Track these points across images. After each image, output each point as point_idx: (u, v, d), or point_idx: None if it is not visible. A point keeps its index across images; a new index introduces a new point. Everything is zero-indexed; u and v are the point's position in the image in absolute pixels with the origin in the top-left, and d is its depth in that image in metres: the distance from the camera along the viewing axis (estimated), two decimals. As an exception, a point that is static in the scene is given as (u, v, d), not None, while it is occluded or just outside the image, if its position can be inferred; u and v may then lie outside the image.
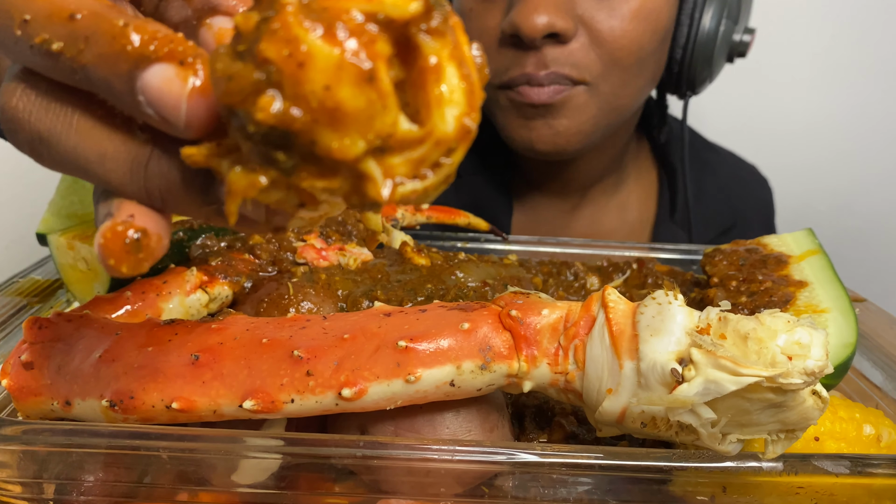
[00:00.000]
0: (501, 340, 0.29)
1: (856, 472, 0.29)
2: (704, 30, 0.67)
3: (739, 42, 0.70)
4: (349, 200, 0.21)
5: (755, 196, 0.87)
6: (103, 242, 0.22)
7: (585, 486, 0.28)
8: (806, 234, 0.49)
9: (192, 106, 0.21)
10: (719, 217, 0.83)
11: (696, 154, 0.85)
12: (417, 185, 0.21)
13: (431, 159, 0.21)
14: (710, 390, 0.25)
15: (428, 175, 0.21)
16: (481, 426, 0.31)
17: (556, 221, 0.80)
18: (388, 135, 0.19)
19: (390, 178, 0.20)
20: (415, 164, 0.20)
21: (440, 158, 0.21)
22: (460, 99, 0.20)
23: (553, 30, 0.59)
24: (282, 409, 0.28)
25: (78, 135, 0.23)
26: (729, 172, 0.87)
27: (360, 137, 0.19)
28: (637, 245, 0.60)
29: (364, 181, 0.20)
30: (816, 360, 0.25)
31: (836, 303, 0.39)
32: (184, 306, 0.39)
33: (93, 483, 0.30)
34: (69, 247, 0.41)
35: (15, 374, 0.31)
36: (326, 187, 0.20)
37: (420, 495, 0.29)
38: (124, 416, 0.29)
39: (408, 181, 0.20)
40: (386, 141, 0.20)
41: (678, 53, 0.68)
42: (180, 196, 0.23)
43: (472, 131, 0.21)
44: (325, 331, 0.29)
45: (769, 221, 0.88)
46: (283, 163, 0.20)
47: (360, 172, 0.20)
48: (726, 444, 0.27)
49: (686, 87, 0.71)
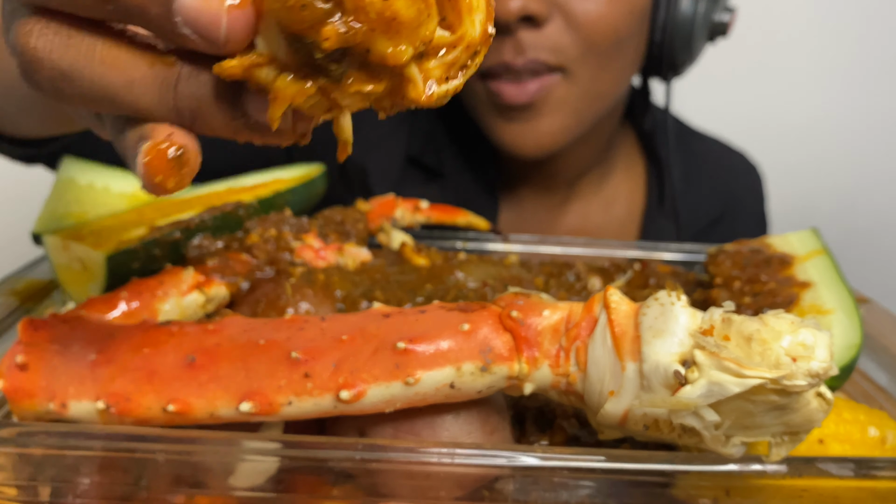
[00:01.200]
0: (502, 342, 0.29)
1: (860, 474, 0.28)
2: (682, 9, 0.66)
3: (720, 21, 0.69)
4: (381, 103, 0.24)
5: (744, 184, 0.86)
6: (148, 161, 0.23)
7: (587, 490, 0.28)
8: (811, 234, 0.49)
9: (231, 20, 0.21)
10: (708, 206, 0.82)
11: (682, 143, 0.84)
12: (449, 87, 0.24)
13: (461, 62, 0.24)
14: (713, 392, 0.25)
15: (458, 76, 0.24)
16: (481, 429, 0.30)
17: (544, 216, 0.79)
18: (429, 41, 0.22)
19: (428, 80, 0.23)
20: (447, 66, 0.24)
21: (468, 61, 0.24)
22: (483, 6, 0.23)
23: (527, 12, 0.58)
24: (279, 412, 0.28)
25: (103, 66, 0.23)
26: (717, 160, 0.86)
27: (410, 44, 0.22)
28: (639, 245, 0.59)
29: (406, 83, 0.23)
30: (821, 362, 0.25)
31: (841, 304, 0.39)
32: (180, 307, 0.39)
33: (88, 486, 0.29)
34: (64, 247, 0.40)
35: (10, 376, 0.31)
36: (372, 91, 0.23)
37: (419, 499, 0.29)
38: (120, 418, 0.29)
39: (440, 84, 0.24)
40: (427, 46, 0.22)
41: (657, 35, 0.67)
42: (211, 111, 0.24)
43: (492, 35, 0.24)
44: (324, 332, 0.29)
45: (759, 208, 0.87)
46: (333, 70, 0.22)
47: (404, 76, 0.23)
48: (730, 447, 0.27)
49: (667, 69, 0.70)
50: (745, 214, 0.85)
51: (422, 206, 0.59)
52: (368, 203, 0.57)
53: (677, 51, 0.68)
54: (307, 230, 0.46)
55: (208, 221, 0.44)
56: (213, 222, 0.44)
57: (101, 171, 0.51)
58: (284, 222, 0.46)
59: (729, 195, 0.84)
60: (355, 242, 0.48)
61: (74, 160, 0.51)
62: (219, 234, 0.45)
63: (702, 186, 0.83)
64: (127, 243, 0.40)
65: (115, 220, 0.43)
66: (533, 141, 0.65)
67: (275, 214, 0.47)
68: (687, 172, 0.82)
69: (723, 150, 0.89)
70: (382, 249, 0.50)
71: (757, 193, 0.87)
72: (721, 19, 0.69)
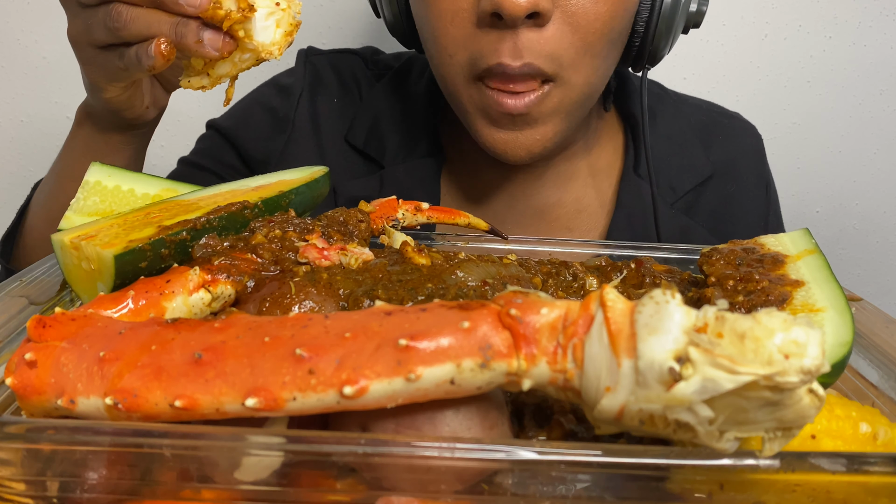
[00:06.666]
0: (501, 339, 0.29)
1: (852, 469, 0.29)
2: (667, 2, 0.66)
3: (697, 11, 0.69)
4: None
5: (739, 144, 0.85)
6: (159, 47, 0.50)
7: (584, 483, 0.29)
8: (802, 233, 0.49)
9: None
10: (696, 168, 0.82)
11: (666, 105, 0.84)
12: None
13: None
14: (707, 388, 0.26)
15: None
16: (481, 424, 0.31)
17: (519, 198, 0.79)
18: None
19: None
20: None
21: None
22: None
23: (536, 8, 0.58)
24: (284, 408, 0.28)
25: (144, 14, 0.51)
26: (703, 120, 0.85)
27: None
28: (635, 244, 0.60)
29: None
30: (813, 359, 0.25)
31: (833, 302, 0.39)
32: (187, 305, 0.39)
33: (96, 480, 0.30)
34: (73, 247, 0.41)
35: (19, 373, 0.31)
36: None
37: (421, 492, 0.29)
38: (128, 414, 0.30)
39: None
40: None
41: (640, 27, 0.67)
42: (189, 32, 0.50)
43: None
44: (327, 329, 0.30)
45: (760, 168, 0.86)
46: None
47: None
48: (723, 442, 0.27)
49: (647, 60, 0.70)
50: (745, 173, 0.84)
51: (423, 207, 0.60)
52: (371, 204, 0.58)
53: (661, 41, 0.68)
54: (311, 230, 0.47)
55: (214, 222, 0.44)
56: (220, 222, 0.45)
57: (126, 175, 0.54)
58: (289, 223, 0.47)
59: (720, 154, 0.83)
60: (358, 242, 0.48)
61: (102, 165, 0.53)
62: (225, 234, 0.45)
63: (689, 149, 0.82)
64: (135, 243, 0.41)
65: (123, 221, 0.44)
66: (525, 149, 0.65)
67: (279, 215, 0.48)
68: (671, 136, 0.81)
69: (711, 109, 0.88)
70: (384, 249, 0.50)
71: (756, 152, 0.86)
72: (699, 9, 0.69)
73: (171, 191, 0.53)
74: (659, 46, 0.69)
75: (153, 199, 0.52)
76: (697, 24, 0.71)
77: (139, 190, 0.53)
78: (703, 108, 0.88)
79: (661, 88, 0.88)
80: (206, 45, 0.48)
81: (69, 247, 0.41)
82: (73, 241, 0.41)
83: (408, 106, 0.82)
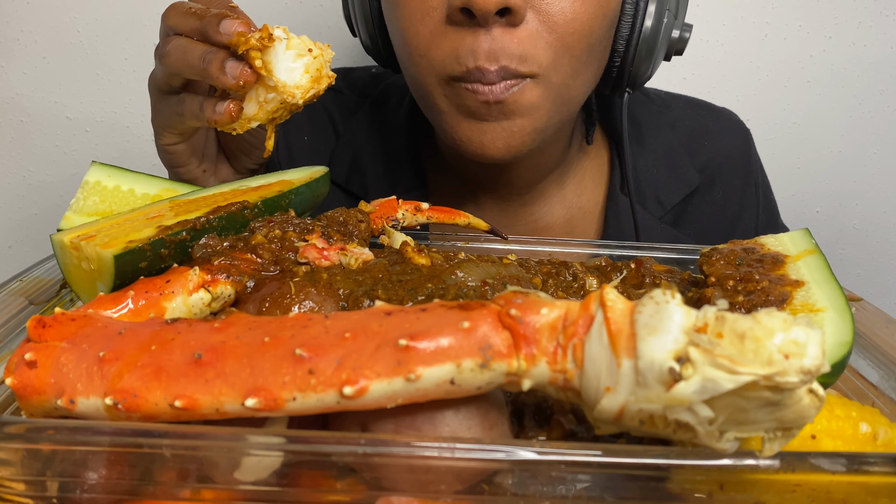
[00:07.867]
0: (501, 339, 0.29)
1: (852, 469, 0.29)
2: (649, 22, 0.66)
3: (679, 38, 0.69)
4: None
5: (724, 147, 0.84)
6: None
7: (584, 483, 0.29)
8: (802, 233, 0.49)
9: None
10: (682, 178, 0.81)
11: (651, 114, 0.83)
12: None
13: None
14: (707, 389, 0.26)
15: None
16: (481, 424, 0.31)
17: (504, 221, 0.79)
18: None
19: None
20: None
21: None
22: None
23: (506, 3, 0.57)
24: (284, 408, 0.28)
25: (190, 47, 0.52)
26: (689, 126, 0.84)
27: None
28: (635, 245, 0.60)
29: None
30: (813, 359, 0.25)
31: (833, 302, 0.39)
32: (186, 305, 0.39)
33: (96, 480, 0.30)
34: (73, 247, 0.41)
35: (19, 373, 0.31)
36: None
37: (420, 492, 0.29)
38: (128, 414, 0.30)
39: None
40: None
41: (621, 45, 0.67)
42: (218, 67, 0.51)
43: None
44: (327, 329, 0.30)
45: (748, 168, 0.84)
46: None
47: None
48: (723, 442, 0.27)
49: (627, 83, 0.70)
50: (730, 177, 0.83)
51: (423, 207, 0.60)
52: (371, 204, 0.58)
53: (641, 63, 0.68)
54: (311, 231, 0.47)
55: (214, 222, 0.44)
56: (219, 222, 0.45)
57: (126, 175, 0.54)
58: (289, 223, 0.47)
59: (709, 160, 0.82)
60: (358, 243, 0.48)
61: (102, 165, 0.53)
62: (224, 234, 0.45)
63: (676, 161, 0.81)
64: (135, 243, 0.41)
65: (122, 221, 0.44)
66: (503, 142, 0.64)
67: (279, 215, 0.48)
68: (656, 149, 0.81)
69: (697, 112, 0.86)
70: (384, 249, 0.50)
71: (741, 153, 0.85)
72: (682, 35, 0.69)
73: (171, 191, 0.53)
74: (640, 70, 0.68)
75: (153, 199, 0.52)
76: (680, 52, 0.70)
77: (139, 190, 0.53)
78: (689, 111, 0.86)
79: (644, 94, 0.86)
80: (227, 72, 0.48)
81: (69, 247, 0.41)
82: (73, 241, 0.41)
83: (387, 137, 0.81)
